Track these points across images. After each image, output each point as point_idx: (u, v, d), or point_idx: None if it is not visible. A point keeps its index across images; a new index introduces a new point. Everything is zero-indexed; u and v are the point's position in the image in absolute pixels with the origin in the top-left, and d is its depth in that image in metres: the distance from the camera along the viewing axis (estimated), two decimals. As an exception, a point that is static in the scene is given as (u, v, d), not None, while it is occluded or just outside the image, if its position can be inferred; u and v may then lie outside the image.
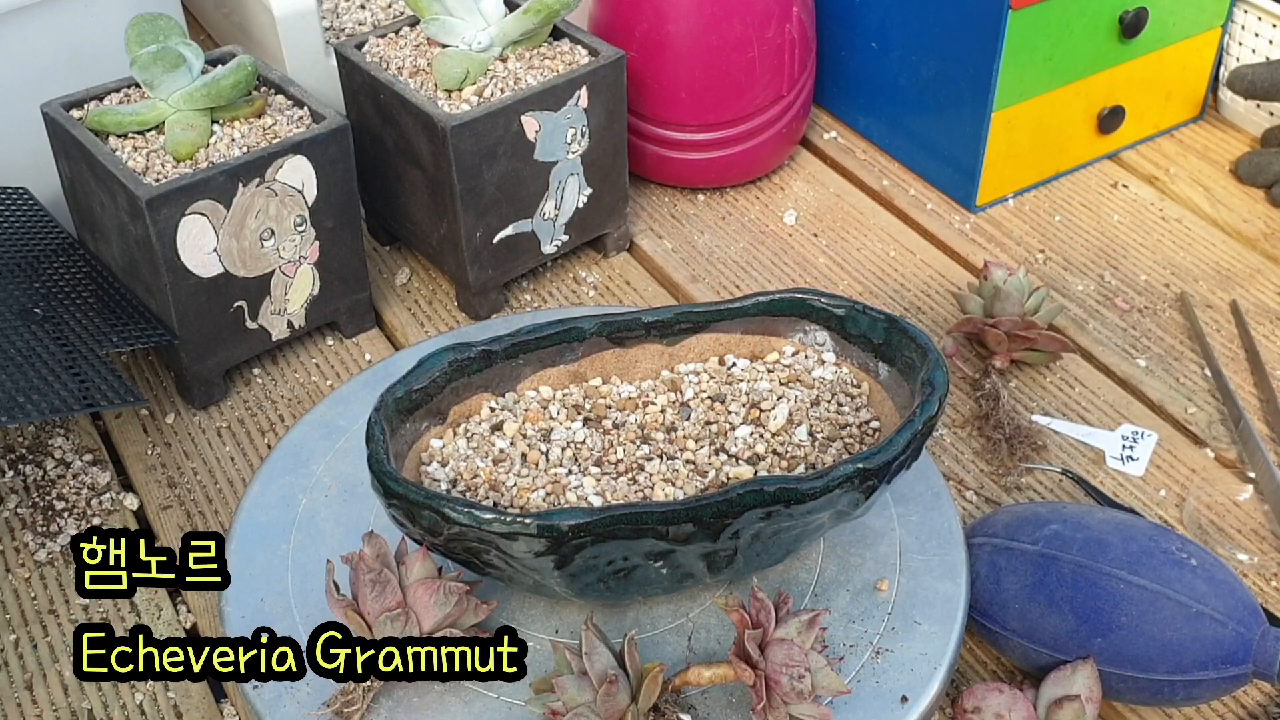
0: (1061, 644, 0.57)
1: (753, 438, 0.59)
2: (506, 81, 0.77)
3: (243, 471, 0.72)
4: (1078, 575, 0.57)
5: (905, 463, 0.54)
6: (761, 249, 0.88)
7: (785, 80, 0.89)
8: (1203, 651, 0.55)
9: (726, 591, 0.60)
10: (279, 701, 0.55)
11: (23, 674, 0.62)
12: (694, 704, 0.55)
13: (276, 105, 0.76)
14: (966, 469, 0.72)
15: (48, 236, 0.77)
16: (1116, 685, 0.56)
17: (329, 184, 0.73)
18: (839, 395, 0.61)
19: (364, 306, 0.80)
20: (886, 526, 0.63)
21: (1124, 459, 0.72)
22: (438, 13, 0.79)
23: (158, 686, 0.61)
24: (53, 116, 0.73)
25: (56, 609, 0.64)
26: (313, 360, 0.79)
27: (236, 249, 0.71)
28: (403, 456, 0.57)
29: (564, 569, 0.52)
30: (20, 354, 0.67)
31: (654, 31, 0.86)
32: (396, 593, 0.54)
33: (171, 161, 0.71)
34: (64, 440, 0.73)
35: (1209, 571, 0.56)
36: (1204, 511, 0.68)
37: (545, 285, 0.85)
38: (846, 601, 0.59)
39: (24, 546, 0.67)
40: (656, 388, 0.62)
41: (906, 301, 0.84)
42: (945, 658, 0.57)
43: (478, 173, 0.75)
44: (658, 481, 0.57)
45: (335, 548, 0.61)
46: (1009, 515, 0.62)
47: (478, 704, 0.55)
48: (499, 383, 0.61)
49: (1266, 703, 0.60)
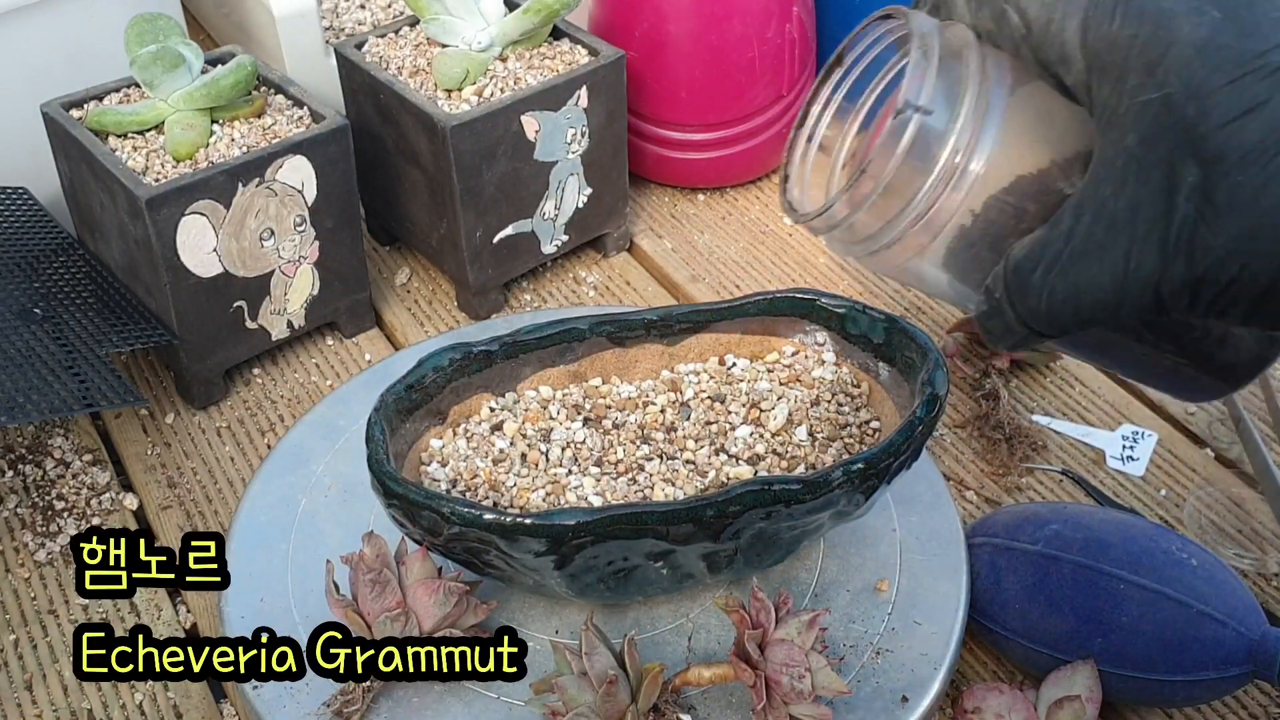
0: (1062, 644, 0.57)
1: (753, 438, 0.59)
2: (506, 81, 0.77)
3: (243, 471, 0.72)
4: (1078, 575, 0.57)
5: (905, 463, 0.54)
6: (761, 249, 0.88)
7: (785, 80, 0.89)
8: (1203, 652, 0.55)
9: (726, 591, 0.60)
10: (279, 701, 0.55)
11: (23, 674, 0.61)
12: (694, 704, 0.55)
13: (276, 105, 0.76)
14: (966, 469, 0.72)
15: (47, 236, 0.77)
16: (1117, 685, 0.56)
17: (329, 184, 0.73)
18: (839, 395, 0.61)
19: (364, 306, 0.80)
20: (886, 526, 0.63)
21: (1124, 459, 0.72)
22: (438, 12, 0.79)
23: (158, 686, 0.61)
24: (52, 116, 0.73)
25: (56, 609, 0.64)
26: (313, 360, 0.79)
27: (236, 249, 0.71)
28: (403, 456, 0.57)
29: (564, 569, 0.52)
30: (20, 354, 0.67)
31: (654, 31, 0.86)
32: (396, 593, 0.54)
33: (171, 161, 0.71)
34: (64, 440, 0.73)
35: (1209, 571, 0.56)
36: (1204, 511, 0.68)
37: (545, 285, 0.85)
38: (846, 601, 0.59)
39: (24, 546, 0.67)
40: (656, 388, 0.62)
41: (907, 301, 0.84)
42: (945, 658, 0.57)
43: (478, 173, 0.75)
44: (658, 481, 0.57)
45: (335, 548, 0.61)
46: (1009, 515, 0.62)
47: (478, 704, 0.55)
48: (499, 383, 0.61)
49: (1267, 703, 0.60)
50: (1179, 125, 0.35)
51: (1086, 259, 0.38)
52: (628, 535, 0.51)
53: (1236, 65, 0.34)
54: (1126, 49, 0.36)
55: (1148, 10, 0.36)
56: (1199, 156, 0.35)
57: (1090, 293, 0.38)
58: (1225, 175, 0.34)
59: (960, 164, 0.41)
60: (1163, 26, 0.35)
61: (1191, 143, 0.35)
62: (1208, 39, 0.35)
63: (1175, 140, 0.35)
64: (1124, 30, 0.36)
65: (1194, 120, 0.34)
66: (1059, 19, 0.38)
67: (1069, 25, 0.38)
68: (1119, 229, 0.37)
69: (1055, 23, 0.38)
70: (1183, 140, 0.35)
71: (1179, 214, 0.35)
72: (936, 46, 0.42)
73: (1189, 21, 0.35)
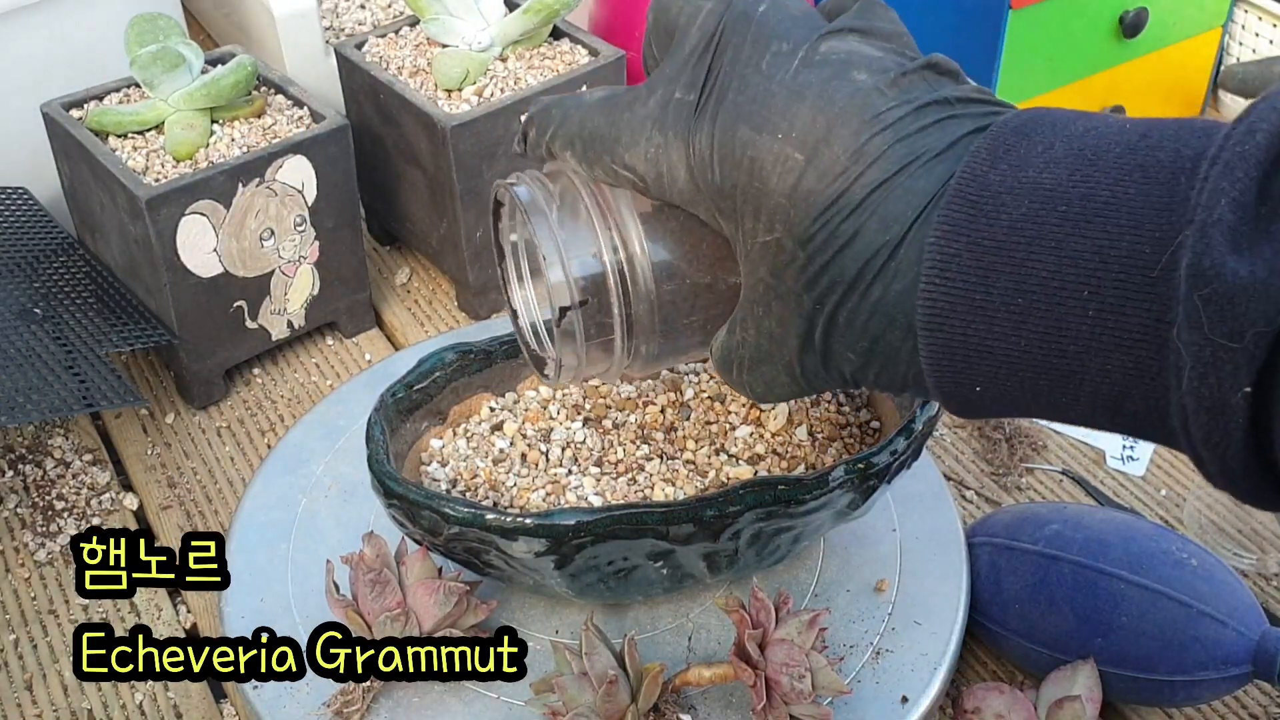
0: (1062, 644, 0.57)
1: (753, 438, 0.59)
2: (506, 81, 0.77)
3: (243, 471, 0.72)
4: (1078, 575, 0.57)
5: (905, 463, 0.54)
6: (761, 249, 0.88)
7: (785, 80, 0.89)
8: (1203, 652, 0.55)
9: (726, 591, 0.60)
10: (279, 701, 0.55)
11: (23, 674, 0.61)
12: (694, 704, 0.55)
13: (276, 105, 0.76)
14: (966, 469, 0.72)
15: (48, 236, 0.77)
16: (1117, 685, 0.56)
17: (329, 184, 0.73)
18: (839, 395, 0.61)
19: (364, 306, 0.80)
20: (886, 526, 0.63)
21: (1124, 459, 0.72)
22: (438, 13, 0.79)
23: (158, 686, 0.61)
24: (52, 116, 0.73)
25: (56, 609, 0.64)
26: (313, 360, 0.79)
27: (236, 249, 0.71)
28: (403, 456, 0.57)
29: (564, 569, 0.52)
30: (20, 354, 0.67)
31: (654, 31, 0.86)
32: (396, 593, 0.54)
33: (171, 161, 0.71)
34: (64, 440, 0.73)
35: (1209, 571, 0.56)
36: (1204, 511, 0.68)
37: (545, 285, 0.85)
38: (846, 601, 0.59)
39: (24, 546, 0.67)
40: (656, 388, 0.62)
41: (906, 301, 0.84)
42: (945, 658, 0.57)
43: (478, 173, 0.75)
44: (658, 481, 0.57)
45: (335, 548, 0.61)
46: (1009, 515, 0.62)
47: (478, 704, 0.55)
48: (499, 383, 0.61)
49: (1267, 703, 0.60)
50: (793, 265, 0.37)
51: (764, 364, 0.41)
52: (628, 535, 0.51)
53: (821, 210, 0.36)
54: (733, 198, 0.38)
55: (740, 159, 0.38)
56: (815, 290, 0.37)
57: (780, 386, 0.42)
58: (839, 304, 0.37)
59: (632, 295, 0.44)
60: (756, 177, 0.38)
61: (807, 279, 0.37)
62: (793, 186, 0.37)
63: (794, 276, 0.38)
64: (726, 181, 0.38)
65: (803, 262, 0.37)
66: (667, 172, 0.40)
67: (679, 177, 0.40)
68: (777, 341, 0.40)
69: (665, 176, 0.40)
70: (800, 276, 0.37)
71: (817, 333, 0.38)
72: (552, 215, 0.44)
73: (775, 171, 0.37)
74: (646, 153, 0.40)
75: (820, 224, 0.36)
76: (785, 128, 0.37)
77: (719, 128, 0.38)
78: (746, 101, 0.38)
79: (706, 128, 0.39)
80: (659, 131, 0.40)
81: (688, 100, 0.39)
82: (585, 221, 0.44)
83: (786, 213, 0.37)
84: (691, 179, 0.40)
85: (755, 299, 0.40)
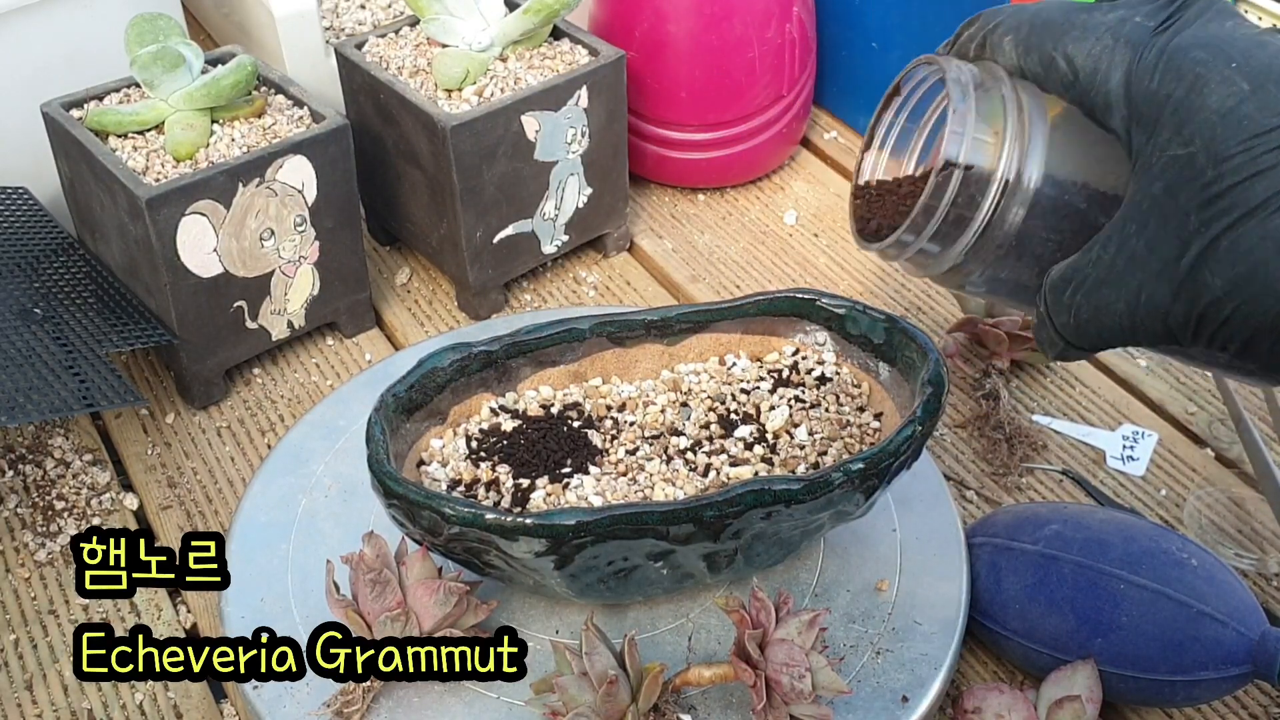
0: (1062, 644, 0.57)
1: (752, 438, 0.59)
2: (506, 81, 0.77)
3: (243, 471, 0.72)
4: (1078, 575, 0.57)
5: (905, 463, 0.54)
6: (761, 249, 0.88)
7: (785, 80, 0.89)
8: (1203, 652, 0.55)
9: (726, 591, 0.60)
10: (279, 701, 0.55)
11: (23, 674, 0.61)
12: (694, 704, 0.55)
13: (276, 105, 0.76)
14: (966, 469, 0.72)
15: (48, 236, 0.77)
16: (1117, 685, 0.56)
17: (329, 184, 0.73)
18: (839, 395, 0.61)
19: (364, 306, 0.80)
20: (886, 526, 0.63)
21: (1124, 459, 0.72)
22: (438, 12, 0.79)
23: (158, 686, 0.61)
24: (52, 116, 0.73)
25: (56, 609, 0.64)
26: (313, 360, 0.79)
27: (236, 249, 0.71)
28: (403, 456, 0.57)
29: (564, 569, 0.52)
30: (20, 354, 0.67)
31: (654, 31, 0.86)
32: (396, 593, 0.54)
33: (171, 161, 0.71)
34: (64, 440, 0.73)
35: (1209, 571, 0.56)
36: (1204, 511, 0.68)
37: (545, 285, 0.85)
38: (847, 601, 0.59)
39: (24, 546, 0.67)
40: (656, 388, 0.62)
41: (907, 301, 0.84)
42: (945, 658, 0.57)
43: (478, 173, 0.75)
44: (658, 481, 0.57)
45: (335, 548, 0.61)
46: (1009, 515, 0.62)
47: (478, 704, 0.55)
48: (499, 383, 0.61)
49: (1267, 703, 0.60)
50: (1198, 181, 0.40)
51: (1107, 286, 0.43)
52: (628, 535, 0.51)
53: (1252, 135, 0.39)
54: (1162, 106, 0.41)
55: (1185, 73, 0.41)
56: (1211, 209, 0.39)
57: (1109, 316, 0.43)
58: (1230, 227, 0.39)
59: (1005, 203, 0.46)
60: (1195, 90, 0.40)
61: (1207, 197, 0.40)
62: (1232, 109, 0.40)
63: (1193, 193, 0.40)
64: (1162, 89, 0.41)
65: (1210, 179, 0.39)
66: (1104, 69, 0.43)
67: (1114, 76, 0.43)
68: (1136, 264, 0.42)
69: (1101, 73, 0.43)
70: (1199, 194, 0.40)
71: (1188, 257, 0.40)
72: (972, 94, 0.46)
73: (1219, 91, 0.40)
74: (1092, 49, 0.43)
75: (1244, 148, 0.39)
76: (1241, 60, 0.40)
77: (1175, 46, 0.42)
78: (1208, 36, 0.41)
79: (1161, 43, 0.42)
80: (1111, 36, 0.43)
81: (1148, 25, 0.43)
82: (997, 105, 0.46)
83: (1214, 129, 0.39)
84: (1125, 81, 0.42)
85: (1133, 216, 0.42)
